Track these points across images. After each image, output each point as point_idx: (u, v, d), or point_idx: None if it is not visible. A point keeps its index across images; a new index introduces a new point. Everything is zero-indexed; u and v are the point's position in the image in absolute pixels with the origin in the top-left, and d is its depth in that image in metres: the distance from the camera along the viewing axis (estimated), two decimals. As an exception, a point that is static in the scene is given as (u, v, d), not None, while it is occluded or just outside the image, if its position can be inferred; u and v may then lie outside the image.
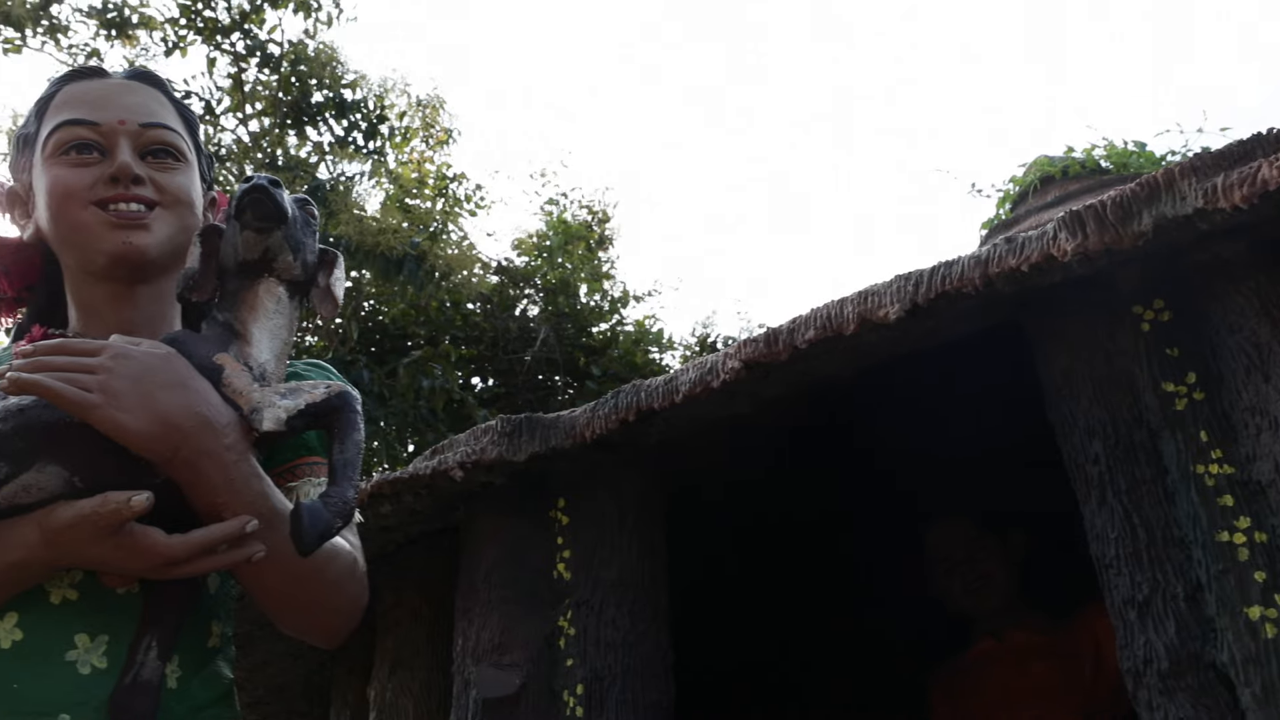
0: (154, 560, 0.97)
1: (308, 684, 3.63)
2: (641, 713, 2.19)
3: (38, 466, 0.96)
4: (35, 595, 1.01)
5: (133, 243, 1.15)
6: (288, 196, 1.08)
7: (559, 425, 2.35)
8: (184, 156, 1.23)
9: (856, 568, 3.50)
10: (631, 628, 2.28)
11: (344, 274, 1.17)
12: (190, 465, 0.97)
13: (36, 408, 0.97)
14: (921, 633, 3.25)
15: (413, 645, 2.72)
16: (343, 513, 0.97)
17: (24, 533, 0.96)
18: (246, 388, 1.02)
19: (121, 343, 1.01)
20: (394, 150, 8.25)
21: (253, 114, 7.77)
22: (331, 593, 1.12)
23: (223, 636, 1.16)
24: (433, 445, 3.03)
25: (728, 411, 2.30)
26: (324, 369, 1.30)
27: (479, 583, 2.43)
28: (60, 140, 1.17)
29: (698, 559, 3.08)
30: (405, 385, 6.40)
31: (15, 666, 0.99)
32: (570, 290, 8.72)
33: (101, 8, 7.48)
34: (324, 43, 7.71)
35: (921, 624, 3.23)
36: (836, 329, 1.97)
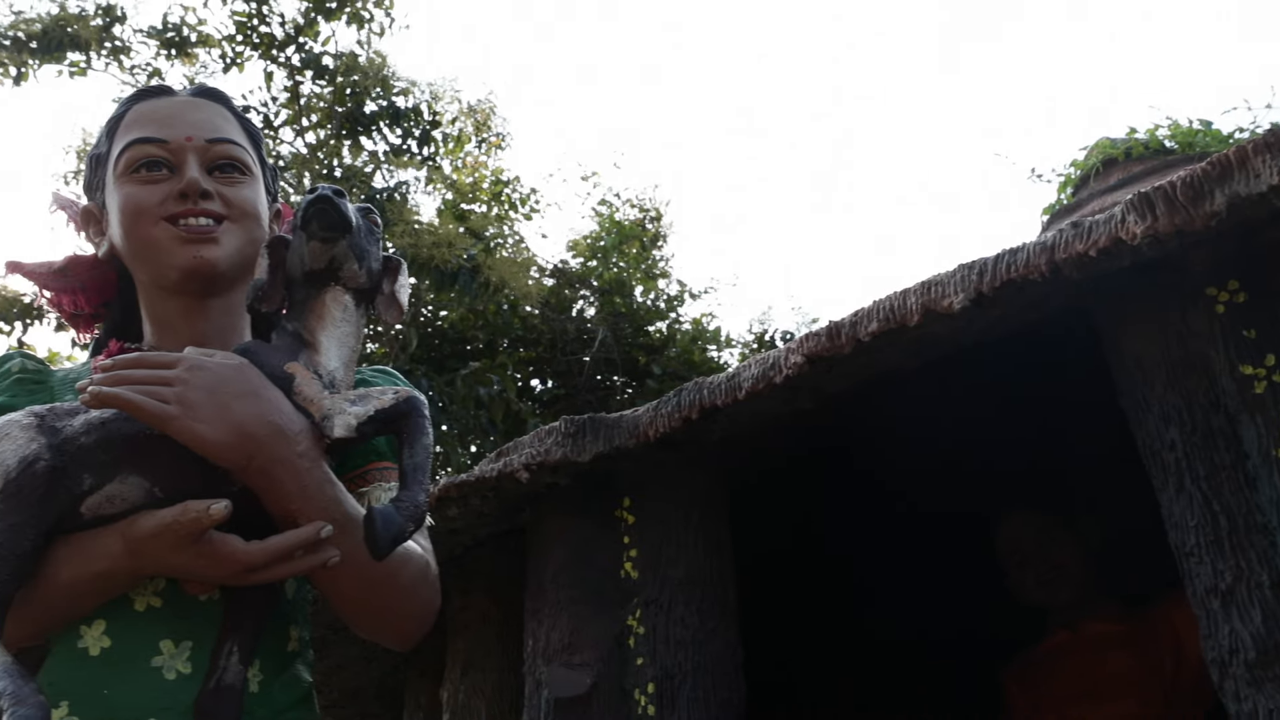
0: (233, 567, 0.98)
1: (381, 687, 3.68)
2: (713, 710, 2.19)
3: (120, 478, 0.98)
4: (121, 603, 1.03)
5: (203, 256, 1.17)
6: (351, 206, 1.09)
7: (622, 425, 2.36)
8: (249, 170, 1.25)
9: (919, 565, 3.46)
10: (701, 625, 2.27)
11: (408, 280, 1.18)
12: (265, 473, 0.99)
13: (117, 420, 0.99)
14: (991, 628, 3.20)
15: (483, 647, 2.74)
16: (415, 516, 0.98)
17: (109, 542, 0.98)
18: (317, 395, 1.04)
19: (196, 355, 1.02)
20: (448, 156, 8.32)
21: (309, 125, 7.89)
22: (405, 596, 1.13)
23: (301, 641, 1.18)
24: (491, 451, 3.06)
25: (790, 407, 2.29)
26: (390, 375, 1.31)
27: (547, 583, 2.44)
28: (130, 159, 1.20)
29: (762, 555, 3.06)
30: (463, 394, 6.46)
31: (104, 673, 1.02)
32: (626, 290, 8.73)
33: (161, 28, 7.65)
34: (376, 52, 7.81)
35: (993, 619, 3.18)
36: (900, 320, 1.95)
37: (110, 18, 7.55)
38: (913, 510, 3.36)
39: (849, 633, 3.61)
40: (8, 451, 0.95)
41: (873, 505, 3.36)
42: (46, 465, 0.95)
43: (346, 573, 1.04)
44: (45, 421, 0.98)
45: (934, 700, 3.54)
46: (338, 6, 7.45)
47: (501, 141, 8.90)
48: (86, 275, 1.29)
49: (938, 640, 3.50)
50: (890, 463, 3.09)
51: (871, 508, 3.36)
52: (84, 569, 0.98)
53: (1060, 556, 2.86)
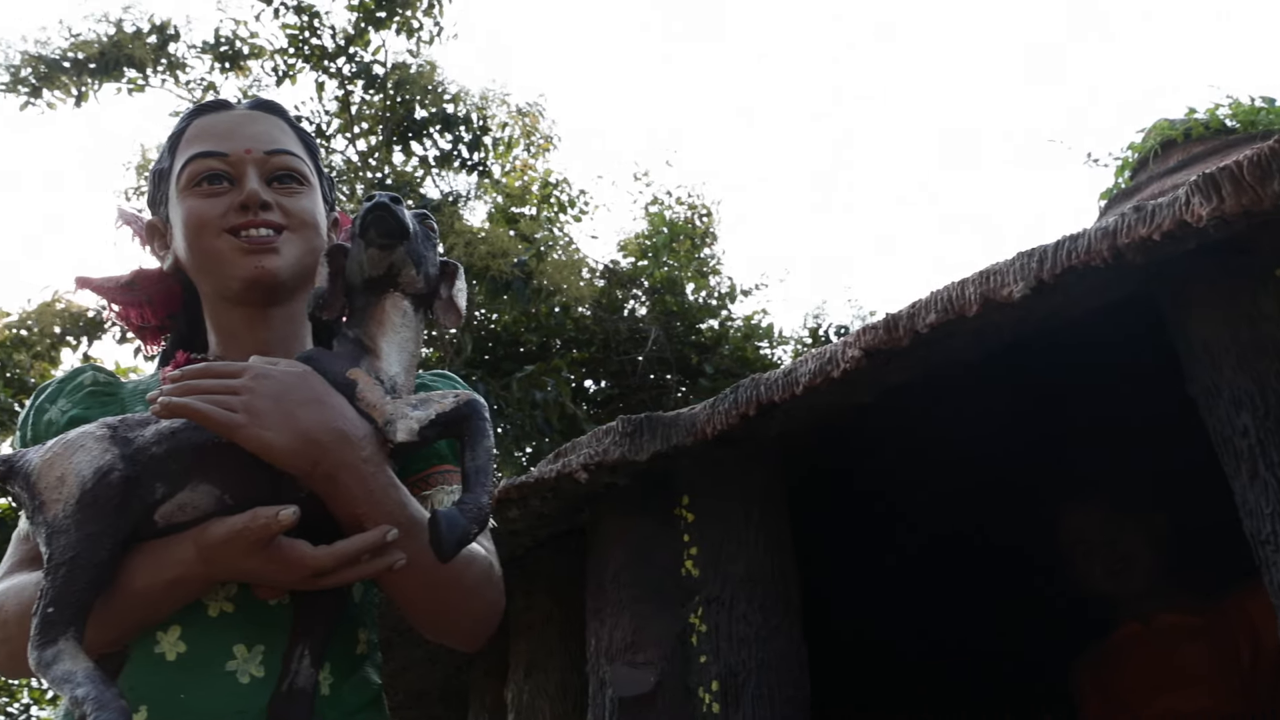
0: (302, 571, 0.99)
1: (445, 688, 3.71)
2: (778, 708, 2.18)
3: (191, 486, 1.00)
4: (195, 609, 1.05)
5: (264, 266, 1.19)
6: (408, 212, 1.10)
7: (679, 423, 2.35)
8: (307, 180, 1.26)
9: (985, 560, 3.42)
10: (764, 623, 2.26)
11: (465, 284, 1.19)
12: (330, 478, 1.00)
13: (187, 430, 1.01)
14: (1060, 621, 3.15)
15: (546, 647, 2.76)
16: (478, 518, 0.99)
17: (182, 550, 1.00)
18: (380, 401, 1.05)
19: (261, 363, 1.04)
20: (498, 160, 8.37)
21: (360, 134, 7.99)
22: (470, 598, 1.14)
23: (369, 643, 1.19)
24: (547, 454, 3.07)
25: (849, 401, 2.27)
26: (450, 379, 1.32)
27: (608, 583, 2.45)
28: (192, 173, 1.22)
29: (828, 552, 3.04)
30: (518, 397, 6.50)
31: (181, 677, 1.04)
32: (677, 289, 8.72)
33: (215, 42, 7.79)
34: (426, 60, 7.87)
35: (1057, 612, 3.14)
36: (959, 311, 1.92)
37: (164, 35, 7.70)
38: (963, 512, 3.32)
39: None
40: (83, 462, 0.97)
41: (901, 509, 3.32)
42: (121, 475, 0.97)
43: (412, 576, 1.05)
44: (118, 432, 1.00)
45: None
46: (387, 16, 7.52)
47: (550, 144, 8.93)
48: (153, 288, 1.32)
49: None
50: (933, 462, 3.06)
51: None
52: (159, 576, 1.00)
53: (1127, 547, 2.81)
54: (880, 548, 3.45)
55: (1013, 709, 3.43)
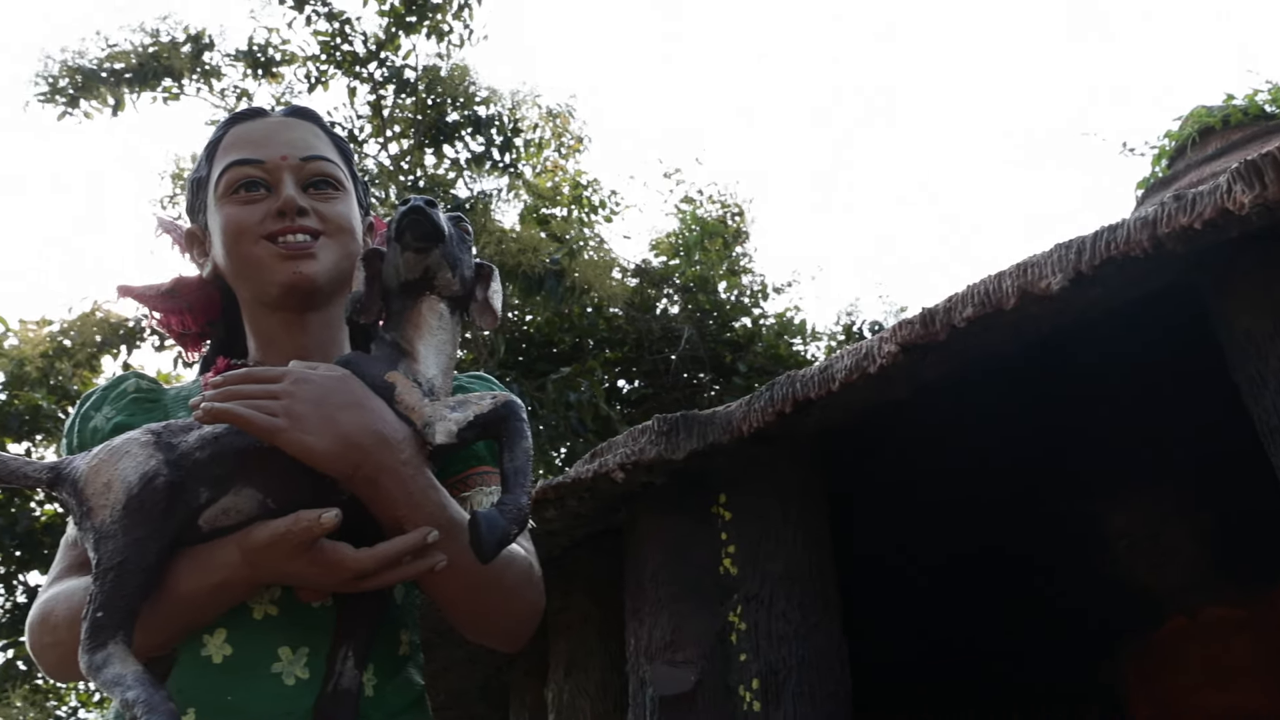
0: (345, 574, 1.00)
1: (486, 687, 3.73)
2: (819, 705, 2.17)
3: (234, 490, 1.01)
4: (240, 612, 1.06)
5: (302, 272, 1.20)
6: (443, 215, 1.10)
7: (715, 421, 2.35)
8: (342, 185, 1.27)
9: (1024, 554, 3.38)
10: (803, 620, 2.25)
11: (500, 286, 1.19)
12: (371, 481, 1.00)
13: (229, 435, 1.01)
14: (1101, 615, 3.12)
15: (585, 646, 2.76)
16: (518, 519, 0.99)
17: (226, 553, 1.01)
18: (418, 403, 1.05)
19: (301, 368, 1.05)
20: (528, 162, 8.39)
21: (392, 137, 8.03)
22: (511, 598, 1.14)
23: (411, 645, 1.19)
24: (582, 454, 3.06)
25: (885, 397, 2.26)
26: (487, 380, 1.33)
27: (646, 582, 2.45)
28: (229, 180, 1.23)
29: (868, 550, 3.03)
30: (553, 399, 6.52)
31: (227, 679, 1.05)
32: (709, 287, 8.70)
33: (248, 50, 7.86)
34: (456, 63, 7.91)
35: (1100, 606, 3.10)
36: (996, 304, 1.90)
37: (199, 44, 7.78)
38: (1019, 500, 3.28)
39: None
40: (129, 468, 0.98)
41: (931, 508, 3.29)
42: (166, 480, 0.98)
43: (453, 577, 1.06)
44: (162, 438, 1.01)
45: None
46: (418, 20, 7.56)
47: (580, 144, 8.95)
48: (192, 295, 1.33)
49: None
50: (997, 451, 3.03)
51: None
52: (204, 580, 1.01)
53: (1171, 540, 2.78)
54: (911, 547, 3.42)
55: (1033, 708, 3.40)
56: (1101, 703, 3.06)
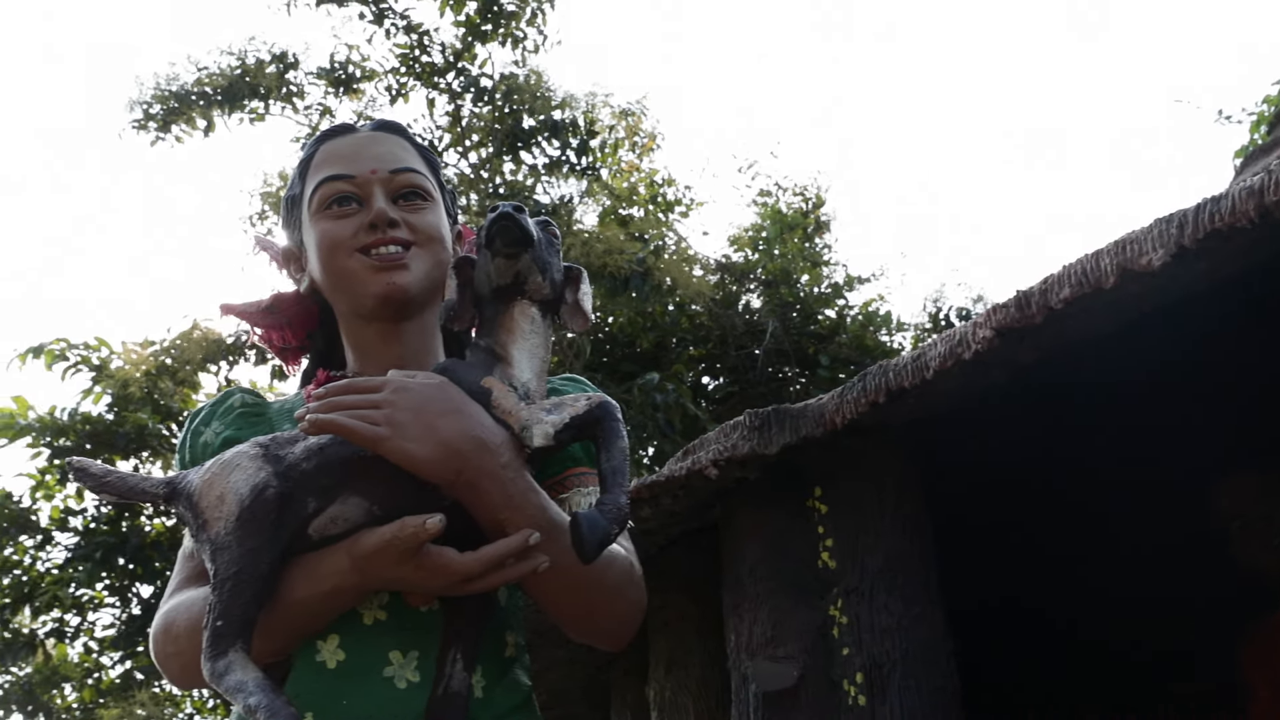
0: (450, 577, 1.01)
1: (587, 687, 3.76)
2: (926, 698, 2.14)
3: (341, 499, 1.03)
4: (351, 618, 1.09)
5: (395, 282, 1.22)
6: (531, 220, 1.11)
7: (807, 414, 2.33)
8: (431, 196, 1.29)
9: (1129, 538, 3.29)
10: (905, 612, 2.22)
11: (589, 288, 1.20)
12: (472, 486, 1.02)
13: (334, 445, 1.04)
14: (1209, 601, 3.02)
15: (684, 644, 2.76)
16: (618, 519, 0.99)
17: (336, 561, 1.03)
18: (514, 407, 1.06)
19: (400, 377, 1.06)
20: (603, 164, 8.42)
21: (471, 146, 8.13)
22: (613, 597, 1.15)
23: (517, 646, 1.21)
24: (670, 454, 3.07)
25: (981, 383, 2.21)
26: (580, 382, 1.34)
27: (744, 578, 2.44)
28: (323, 196, 1.26)
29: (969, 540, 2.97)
30: (640, 401, 6.54)
31: (341, 684, 1.07)
32: (791, 280, 8.64)
33: (330, 68, 8.03)
34: (532, 69, 7.98)
35: (1213, 589, 3.00)
36: (1095, 284, 1.84)
37: (283, 64, 7.98)
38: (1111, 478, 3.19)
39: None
40: (240, 481, 1.01)
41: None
42: (275, 491, 1.00)
43: (556, 578, 1.06)
44: (269, 450, 1.04)
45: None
46: (493, 29, 7.65)
47: (654, 143, 8.95)
48: (291, 310, 1.36)
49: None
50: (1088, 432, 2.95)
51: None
52: (315, 587, 1.03)
53: None
54: (1012, 536, 3.35)
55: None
56: (1219, 685, 2.96)
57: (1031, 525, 3.36)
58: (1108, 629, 3.42)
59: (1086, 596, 3.43)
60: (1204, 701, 3.15)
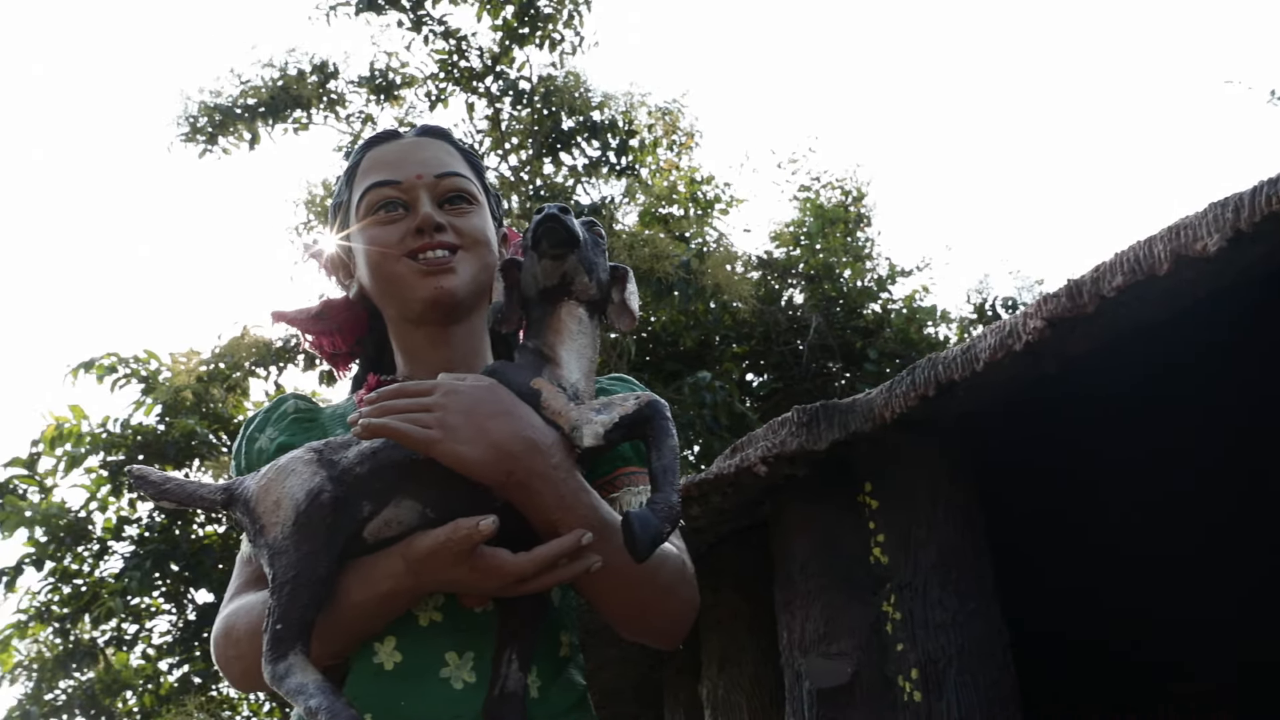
0: (504, 578, 1.02)
1: (639, 686, 3.76)
2: (983, 693, 2.11)
3: (395, 502, 1.04)
4: (407, 620, 1.09)
5: (443, 286, 1.23)
6: (577, 221, 1.12)
7: (856, 409, 2.31)
8: (476, 199, 1.30)
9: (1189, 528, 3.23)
10: (960, 607, 2.20)
11: (635, 288, 1.20)
12: (524, 487, 1.02)
13: (386, 449, 1.05)
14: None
15: (737, 642, 2.75)
16: (670, 517, 0.99)
17: (391, 564, 1.04)
18: (564, 408, 1.06)
19: (450, 380, 1.07)
20: (642, 163, 8.42)
21: (511, 149, 8.17)
22: (666, 596, 1.15)
23: (571, 646, 1.21)
24: (717, 452, 3.06)
25: (1032, 374, 2.18)
26: (627, 382, 1.34)
27: (795, 574, 2.42)
28: (370, 202, 1.27)
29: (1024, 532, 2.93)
30: (689, 400, 6.54)
31: (399, 686, 1.08)
32: (834, 275, 8.59)
33: (370, 76, 8.11)
34: (570, 71, 8.00)
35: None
36: (1148, 271, 1.81)
37: (324, 74, 8.07)
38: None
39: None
40: (295, 486, 1.02)
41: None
42: (330, 496, 1.01)
43: (609, 577, 1.07)
44: (323, 455, 1.05)
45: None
46: (530, 32, 7.68)
47: (692, 141, 8.93)
48: (341, 317, 1.37)
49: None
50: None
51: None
52: (372, 590, 1.04)
53: None
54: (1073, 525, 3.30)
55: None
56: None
57: (1089, 514, 3.31)
58: (1167, 627, 3.36)
59: (1147, 588, 3.38)
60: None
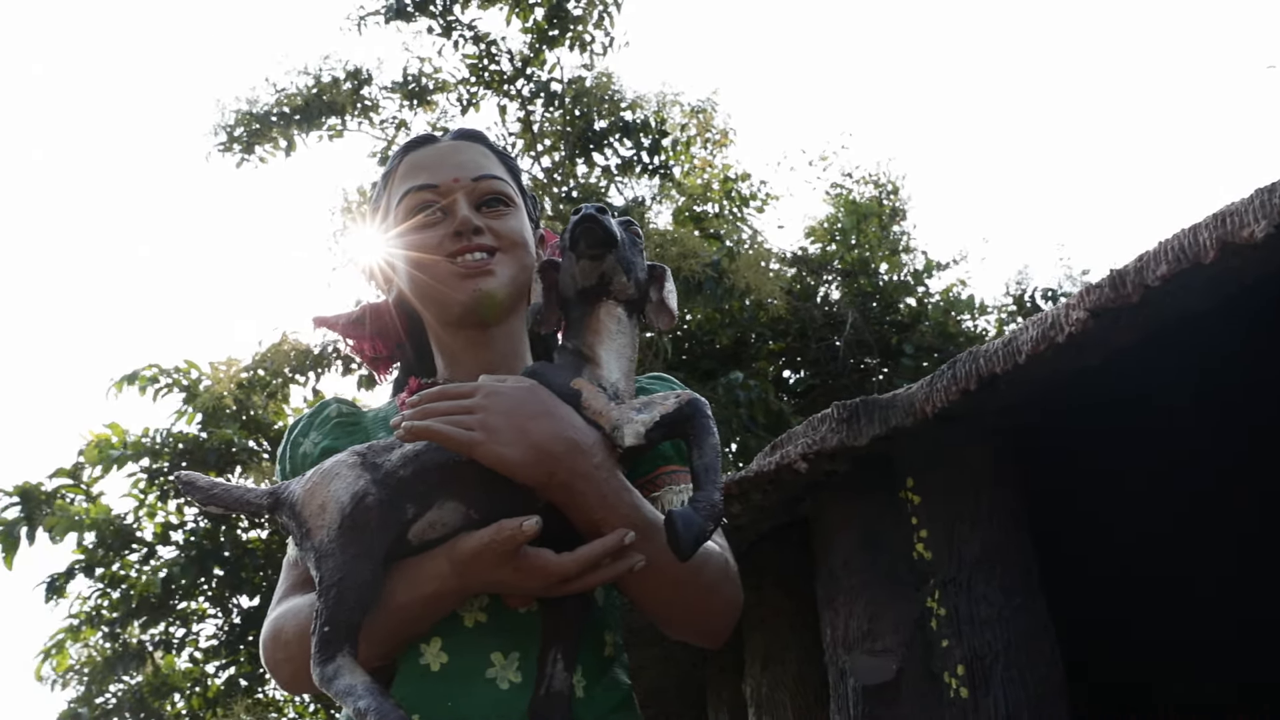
0: (548, 578, 1.02)
1: (682, 685, 3.76)
2: (1031, 689, 2.08)
3: (438, 504, 1.05)
4: (452, 621, 1.10)
5: (482, 288, 1.23)
6: (614, 221, 1.12)
7: (896, 404, 2.29)
8: (513, 201, 1.30)
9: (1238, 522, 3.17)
10: (1005, 602, 2.17)
11: (674, 286, 1.20)
12: (566, 487, 1.02)
13: (429, 451, 1.05)
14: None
15: (780, 640, 2.74)
16: (713, 515, 0.99)
17: (436, 565, 1.04)
18: (605, 408, 1.07)
19: (491, 382, 1.08)
20: (676, 162, 8.42)
21: (543, 151, 8.19)
22: (710, 594, 1.15)
23: (615, 645, 1.21)
24: (752, 453, 3.05)
25: (1076, 366, 2.15)
26: (667, 381, 1.34)
27: (838, 571, 2.41)
28: (408, 206, 1.28)
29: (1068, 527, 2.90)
30: (724, 399, 6.53)
31: (445, 686, 1.09)
32: (870, 270, 8.53)
33: (403, 81, 8.16)
34: (601, 71, 8.01)
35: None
36: (1193, 259, 1.78)
37: (358, 80, 8.14)
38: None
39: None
40: (340, 489, 1.03)
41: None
42: (375, 499, 1.02)
43: (652, 576, 1.07)
44: (367, 459, 1.06)
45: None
46: (560, 34, 7.70)
47: (726, 139, 8.91)
48: (381, 321, 1.38)
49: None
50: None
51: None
52: (417, 592, 1.05)
53: None
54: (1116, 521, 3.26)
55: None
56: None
57: (1135, 508, 3.27)
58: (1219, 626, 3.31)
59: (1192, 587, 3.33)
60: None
